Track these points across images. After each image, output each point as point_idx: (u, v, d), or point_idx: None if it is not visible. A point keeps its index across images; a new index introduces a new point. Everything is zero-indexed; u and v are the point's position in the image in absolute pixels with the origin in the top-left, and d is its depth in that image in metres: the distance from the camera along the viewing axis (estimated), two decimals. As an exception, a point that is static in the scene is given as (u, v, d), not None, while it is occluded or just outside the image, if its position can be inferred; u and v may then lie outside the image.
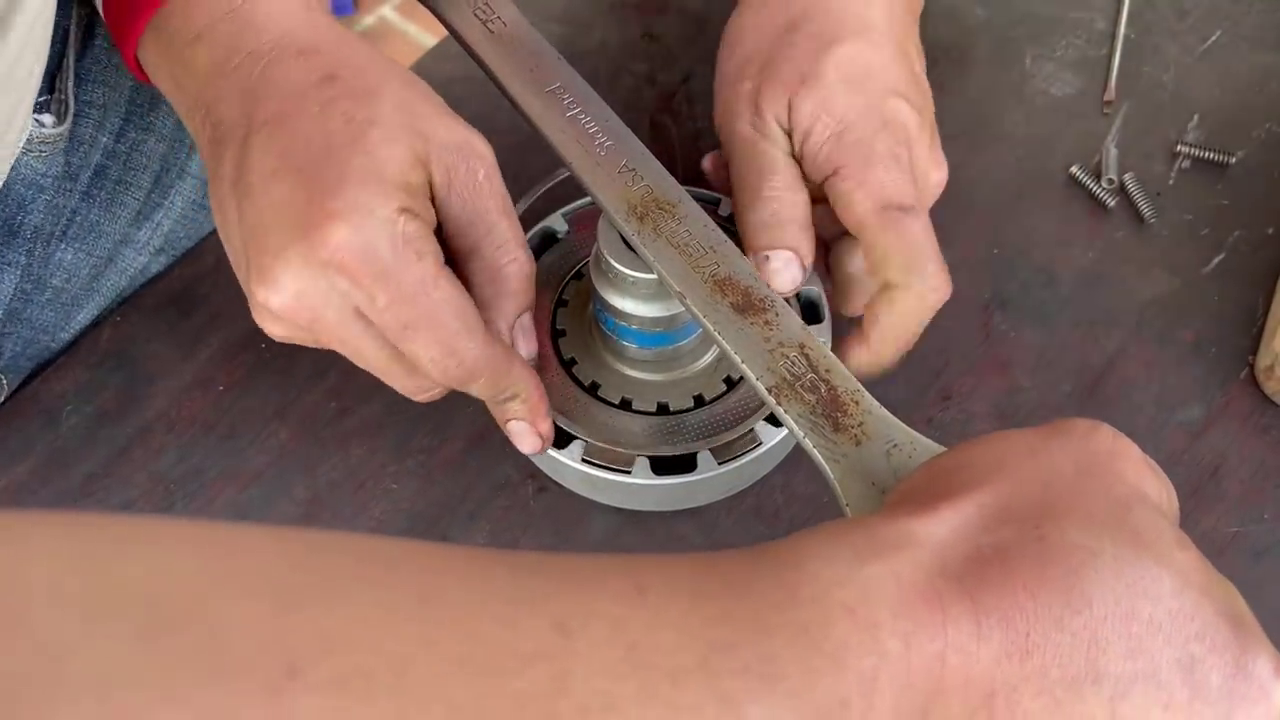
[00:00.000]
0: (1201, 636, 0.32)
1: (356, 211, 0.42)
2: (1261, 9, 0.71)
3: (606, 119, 0.51)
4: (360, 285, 0.43)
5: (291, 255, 0.42)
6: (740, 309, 0.46)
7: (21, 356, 0.60)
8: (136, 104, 0.62)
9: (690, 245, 0.47)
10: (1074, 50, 0.69)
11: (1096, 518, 0.33)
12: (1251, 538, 0.54)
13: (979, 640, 0.31)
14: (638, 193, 0.49)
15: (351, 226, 0.42)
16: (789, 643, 0.30)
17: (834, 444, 0.42)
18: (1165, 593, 0.32)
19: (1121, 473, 0.35)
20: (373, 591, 0.27)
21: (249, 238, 0.44)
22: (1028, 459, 0.35)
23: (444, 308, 0.44)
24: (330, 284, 0.43)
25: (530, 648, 0.27)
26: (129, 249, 0.63)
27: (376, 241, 0.42)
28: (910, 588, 0.31)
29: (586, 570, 0.30)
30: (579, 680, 0.27)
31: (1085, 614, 0.31)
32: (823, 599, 0.31)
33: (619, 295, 0.50)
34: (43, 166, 0.57)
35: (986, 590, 0.31)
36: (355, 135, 0.44)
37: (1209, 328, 0.60)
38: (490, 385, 0.47)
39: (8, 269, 0.57)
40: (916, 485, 0.37)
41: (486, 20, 0.54)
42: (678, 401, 0.53)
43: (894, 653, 0.30)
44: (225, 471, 0.56)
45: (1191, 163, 0.65)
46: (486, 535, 0.54)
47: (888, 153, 0.49)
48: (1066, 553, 0.32)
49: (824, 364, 0.44)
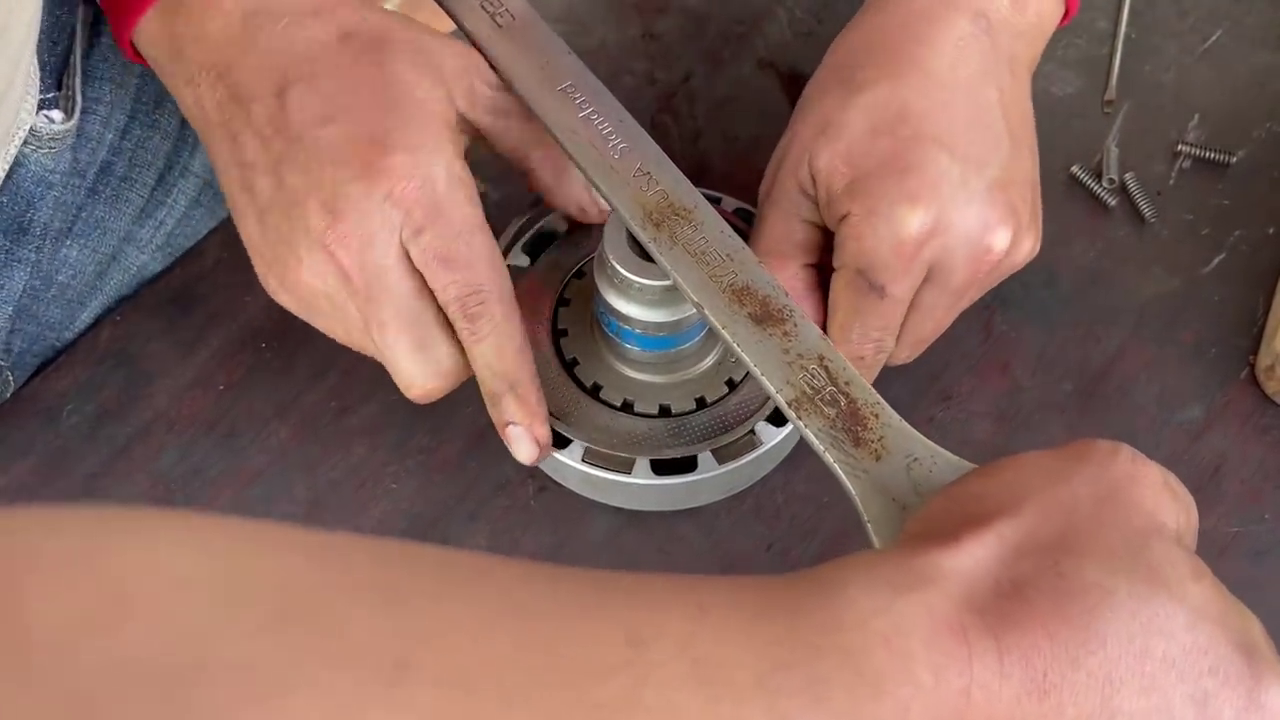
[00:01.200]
0: (1215, 671, 0.33)
1: (421, 149, 0.46)
2: (1262, 9, 0.71)
3: (620, 119, 0.50)
4: (412, 217, 0.45)
5: (355, 190, 0.45)
6: (759, 319, 0.45)
7: (28, 353, 0.60)
8: (142, 101, 0.62)
9: (708, 253, 0.47)
10: (1074, 50, 0.69)
11: (1115, 553, 0.34)
12: (1251, 538, 0.54)
13: (1001, 678, 0.32)
14: (653, 198, 0.48)
15: (414, 161, 0.45)
16: (837, 666, 0.31)
17: (855, 459, 0.42)
18: (1179, 628, 0.33)
19: (1139, 502, 0.35)
20: (465, 599, 0.28)
21: (299, 184, 0.46)
22: (1048, 487, 0.35)
23: (481, 252, 0.47)
24: (385, 218, 0.45)
25: (606, 659, 0.28)
26: (132, 247, 0.63)
27: (435, 178, 0.46)
28: (941, 621, 0.32)
29: (652, 588, 0.32)
30: (650, 692, 0.28)
31: (1100, 654, 0.32)
32: (863, 627, 0.32)
33: (623, 300, 0.50)
34: (51, 163, 0.57)
35: (1008, 628, 0.32)
36: (391, 80, 0.47)
37: (1209, 328, 0.60)
38: (498, 354, 0.47)
39: (18, 266, 0.58)
40: (939, 513, 0.37)
41: (495, 14, 0.53)
42: (680, 404, 0.53)
43: (926, 684, 0.31)
44: (225, 471, 0.56)
45: (1192, 162, 0.65)
46: (487, 535, 0.54)
47: (892, 205, 0.47)
48: (1084, 592, 0.33)
49: (844, 376, 0.44)
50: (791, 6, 0.71)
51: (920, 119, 0.48)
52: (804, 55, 0.68)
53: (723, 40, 0.69)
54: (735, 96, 0.67)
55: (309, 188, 0.46)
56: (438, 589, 0.28)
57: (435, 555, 0.31)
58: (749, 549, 0.54)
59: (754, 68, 0.68)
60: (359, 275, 0.46)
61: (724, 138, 0.66)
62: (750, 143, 0.65)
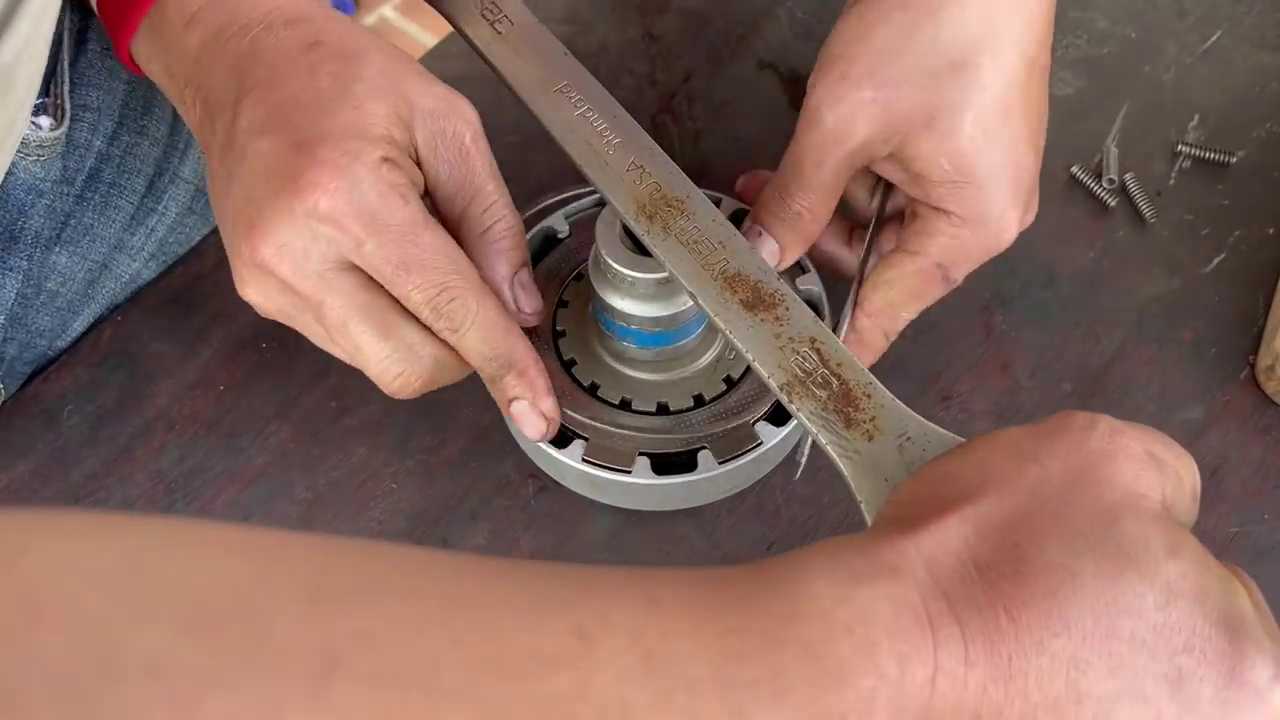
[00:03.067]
0: (1190, 649, 0.32)
1: (342, 158, 0.43)
2: (1261, 9, 0.71)
3: (614, 114, 0.51)
4: (347, 231, 0.43)
5: (279, 205, 0.43)
6: (750, 305, 0.46)
7: (19, 361, 0.60)
8: (130, 108, 0.62)
9: (700, 242, 0.47)
10: (1074, 50, 0.69)
11: (1080, 532, 0.33)
12: (1251, 538, 0.54)
13: (966, 665, 0.31)
14: (646, 190, 0.49)
15: (336, 173, 0.43)
16: (796, 658, 0.30)
17: (847, 440, 0.42)
18: (1149, 607, 0.32)
19: (1112, 476, 0.35)
20: (402, 594, 0.28)
21: (239, 198, 0.44)
22: (1016, 466, 0.35)
23: (434, 248, 0.44)
24: (314, 233, 0.43)
25: (552, 652, 0.28)
26: (124, 255, 0.63)
27: (362, 187, 0.43)
28: (905, 609, 0.32)
29: (602, 580, 0.31)
30: (598, 686, 0.28)
31: (1064, 636, 0.32)
32: (825, 617, 0.31)
33: (618, 295, 0.50)
34: (41, 171, 0.57)
35: (972, 613, 0.32)
36: (340, 92, 0.45)
37: (1209, 328, 0.60)
38: (485, 340, 0.46)
39: (10, 275, 0.58)
40: (909, 496, 0.37)
41: (494, 21, 0.53)
42: (677, 401, 0.53)
43: (891, 674, 0.31)
44: (226, 471, 0.56)
45: (1192, 163, 0.65)
46: (487, 535, 0.54)
47: (1002, 214, 0.49)
48: (1046, 572, 0.32)
49: (835, 357, 0.44)
50: (791, 7, 0.71)
51: (1024, 121, 0.48)
52: (804, 56, 0.68)
53: (723, 40, 0.69)
54: (735, 97, 0.67)
55: (243, 204, 0.44)
56: (374, 586, 0.28)
57: (375, 550, 0.30)
58: (749, 549, 0.54)
59: (754, 68, 0.69)
60: (302, 287, 0.44)
61: (724, 138, 0.66)
62: (750, 143, 0.65)
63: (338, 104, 0.44)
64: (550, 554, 0.54)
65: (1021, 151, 0.49)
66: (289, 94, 0.45)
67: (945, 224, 0.49)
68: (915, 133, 0.47)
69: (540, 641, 0.28)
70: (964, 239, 0.49)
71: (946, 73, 0.47)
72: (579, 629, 0.28)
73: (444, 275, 0.45)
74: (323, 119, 0.44)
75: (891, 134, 0.48)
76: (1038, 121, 0.50)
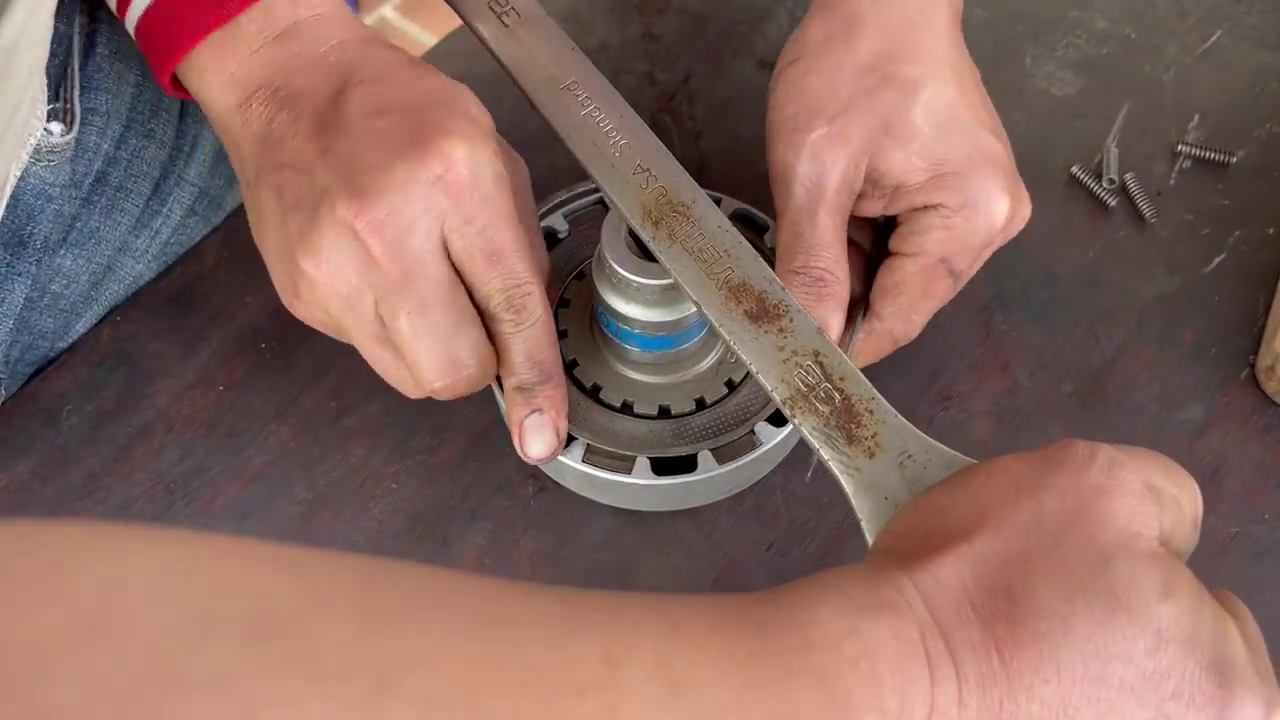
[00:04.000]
0: (1179, 694, 0.32)
1: (475, 136, 0.45)
2: (1261, 9, 0.71)
3: (622, 115, 0.50)
4: (464, 206, 0.44)
5: (398, 173, 0.44)
6: (754, 316, 0.45)
7: (20, 362, 0.60)
8: (137, 111, 0.62)
9: (705, 250, 0.47)
10: (1074, 50, 0.69)
11: (1072, 574, 0.33)
12: (1251, 538, 0.54)
13: (959, 706, 0.32)
14: (652, 195, 0.48)
15: (469, 147, 0.44)
16: (807, 688, 0.31)
17: (848, 457, 0.42)
18: (1139, 653, 0.32)
19: (1107, 514, 0.34)
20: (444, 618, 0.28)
21: (342, 169, 0.44)
22: (1012, 502, 0.35)
23: (521, 243, 0.46)
24: (428, 204, 0.44)
25: (584, 678, 0.28)
26: (128, 257, 0.63)
27: (485, 167, 0.45)
28: (907, 647, 0.32)
29: (626, 606, 0.31)
30: (627, 713, 0.28)
31: (1054, 682, 0.32)
32: (834, 649, 0.32)
33: (622, 300, 0.50)
34: (51, 176, 0.57)
35: (967, 653, 0.32)
36: (452, 95, 0.47)
37: (1209, 328, 0.60)
38: (539, 344, 0.47)
39: (18, 279, 0.58)
40: (906, 529, 0.37)
41: (501, 13, 0.53)
42: (679, 405, 0.53)
43: (891, 711, 0.31)
44: (226, 471, 0.56)
45: (1192, 163, 0.65)
46: (487, 535, 0.54)
47: (988, 197, 0.49)
48: (1037, 616, 0.32)
49: (838, 371, 0.44)
50: (791, 7, 0.71)
51: (972, 112, 0.50)
52: (804, 55, 0.68)
53: (723, 40, 0.69)
54: (735, 96, 0.67)
55: (349, 172, 0.44)
56: (417, 608, 0.28)
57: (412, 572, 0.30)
58: (749, 549, 0.54)
59: (754, 68, 0.69)
60: (393, 261, 0.44)
61: (724, 138, 0.66)
62: (750, 143, 0.65)
63: (451, 104, 0.46)
64: (550, 554, 0.54)
65: (983, 138, 0.50)
66: (403, 88, 0.46)
67: (937, 217, 0.50)
68: (879, 143, 0.49)
69: (571, 666, 0.28)
70: (958, 227, 0.50)
71: (880, 86, 0.50)
72: (607, 655, 0.29)
73: (526, 270, 0.46)
74: (441, 108, 0.46)
75: (860, 155, 0.49)
76: (986, 114, 0.51)
